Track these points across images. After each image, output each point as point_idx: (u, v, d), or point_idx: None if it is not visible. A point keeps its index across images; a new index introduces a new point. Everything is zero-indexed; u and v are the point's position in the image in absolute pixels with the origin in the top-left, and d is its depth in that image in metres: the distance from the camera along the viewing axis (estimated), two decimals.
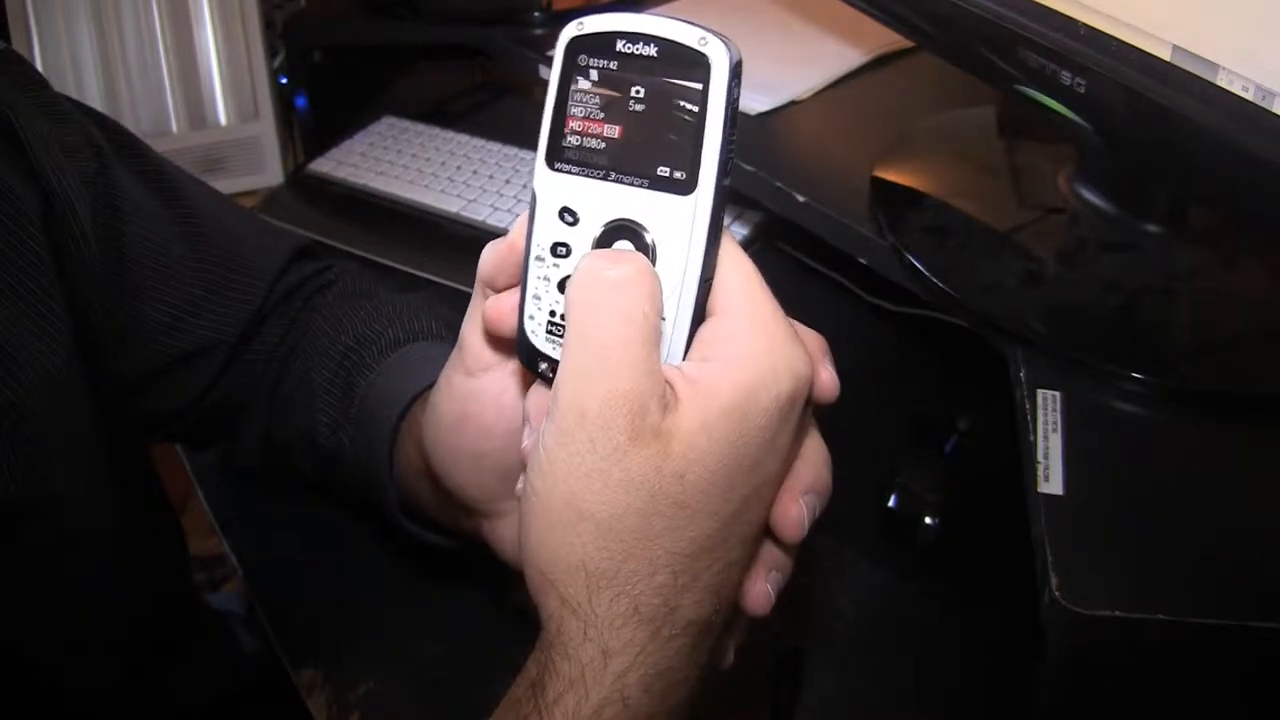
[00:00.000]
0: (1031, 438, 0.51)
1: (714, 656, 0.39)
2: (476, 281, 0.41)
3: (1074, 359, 0.55)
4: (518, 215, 0.98)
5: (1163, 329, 0.59)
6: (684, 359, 0.36)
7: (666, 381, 0.34)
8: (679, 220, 0.35)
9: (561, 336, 0.37)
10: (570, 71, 0.36)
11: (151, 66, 1.00)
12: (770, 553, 0.39)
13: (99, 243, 0.54)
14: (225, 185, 1.01)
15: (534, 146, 0.37)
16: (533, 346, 0.38)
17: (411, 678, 0.62)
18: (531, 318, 0.38)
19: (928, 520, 0.66)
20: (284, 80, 1.07)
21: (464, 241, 0.91)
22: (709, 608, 0.36)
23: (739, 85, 0.35)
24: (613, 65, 0.35)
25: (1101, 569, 0.46)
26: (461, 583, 0.64)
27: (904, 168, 0.69)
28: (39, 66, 0.95)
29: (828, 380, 0.37)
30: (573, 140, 0.36)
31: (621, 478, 0.34)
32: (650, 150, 0.35)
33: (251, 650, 0.75)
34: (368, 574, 0.66)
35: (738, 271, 0.36)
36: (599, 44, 0.35)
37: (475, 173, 0.97)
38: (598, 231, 0.36)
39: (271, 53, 1.05)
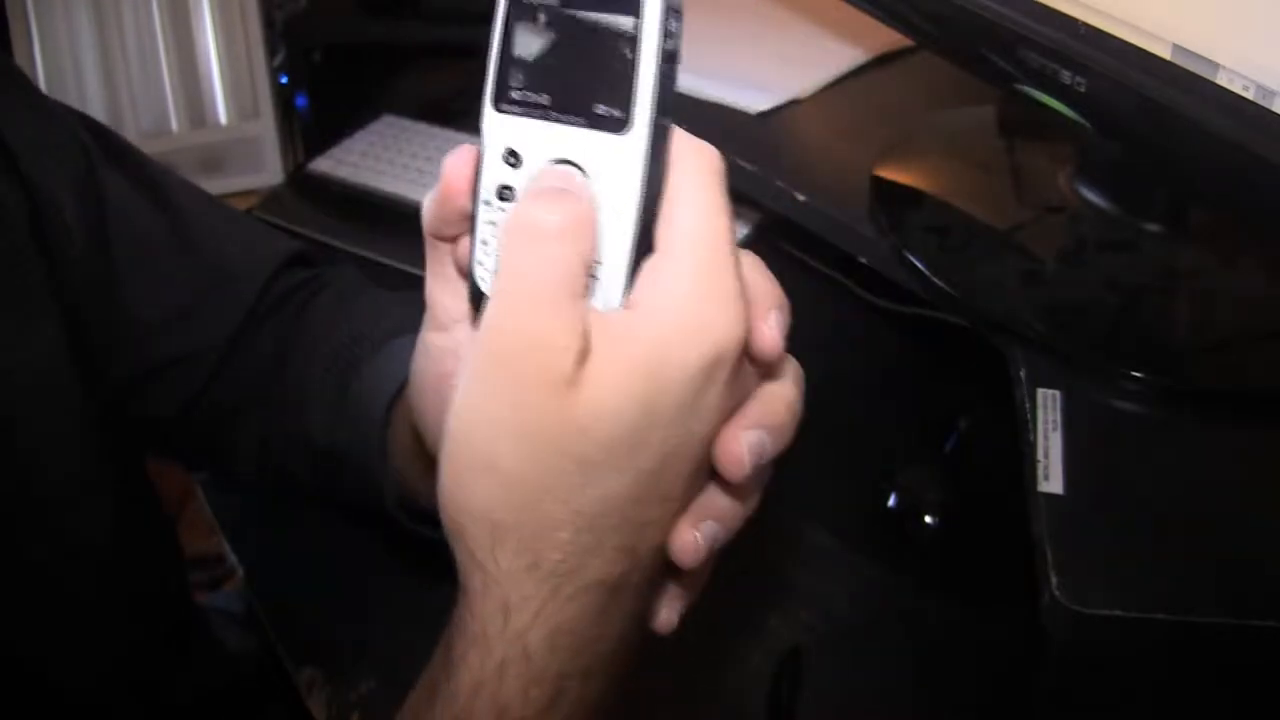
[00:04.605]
0: (1031, 437, 0.51)
1: (639, 617, 0.37)
2: (425, 235, 0.40)
3: (1074, 358, 0.55)
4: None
5: (1163, 328, 0.59)
6: (620, 302, 0.35)
7: (585, 330, 0.33)
8: (615, 159, 0.34)
9: None
10: (513, 9, 0.35)
11: (151, 66, 1.00)
12: (709, 501, 0.37)
13: (86, 243, 0.54)
14: (225, 184, 1.01)
15: None
16: (481, 293, 0.37)
17: (411, 678, 0.61)
18: (480, 264, 0.37)
19: (927, 519, 0.66)
20: (284, 79, 1.07)
21: None
22: (620, 567, 0.34)
23: (678, 21, 0.34)
24: (553, 1, 0.35)
25: (1101, 568, 0.46)
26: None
27: (904, 167, 0.69)
28: (39, 66, 0.95)
29: (766, 335, 0.35)
30: (516, 80, 0.35)
31: (526, 428, 0.32)
32: (588, 88, 0.34)
33: (246, 649, 0.75)
34: (368, 574, 0.66)
35: (692, 209, 0.34)
36: None
37: None
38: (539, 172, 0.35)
39: (272, 52, 1.05)
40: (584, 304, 0.34)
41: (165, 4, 0.99)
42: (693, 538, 0.36)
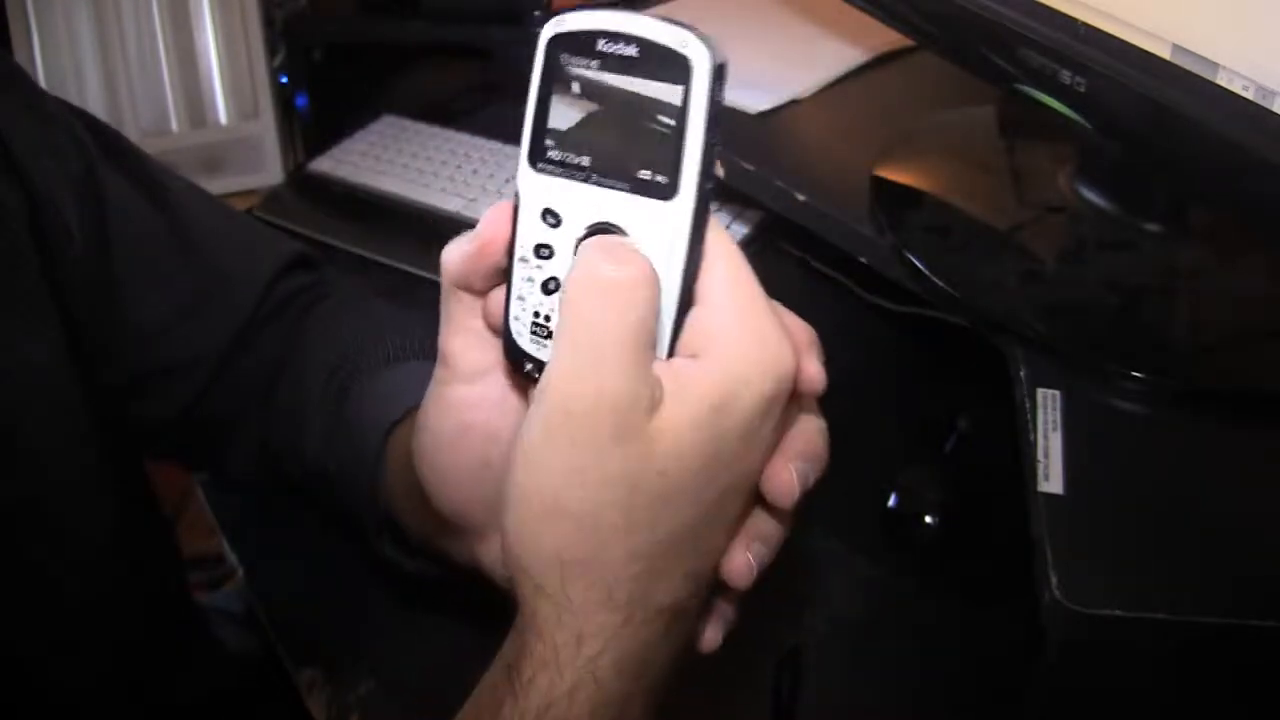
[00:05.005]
0: (1031, 437, 0.51)
1: (691, 639, 0.39)
2: (446, 287, 0.40)
3: (1074, 358, 0.55)
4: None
5: (1163, 328, 0.59)
6: (668, 356, 0.36)
7: (655, 379, 0.35)
8: (660, 225, 0.35)
9: (546, 337, 0.37)
10: (551, 70, 0.35)
11: (151, 66, 1.00)
12: (756, 524, 0.39)
13: (86, 246, 0.54)
14: (225, 184, 1.01)
15: None
16: (519, 348, 0.38)
17: (411, 678, 0.61)
18: (517, 319, 0.38)
19: (928, 520, 0.66)
20: (284, 79, 1.07)
21: None
22: (685, 593, 0.36)
23: (722, 88, 0.34)
24: (594, 65, 0.34)
25: (1101, 568, 0.46)
26: (462, 582, 0.64)
27: (904, 167, 0.69)
28: (39, 67, 0.95)
29: (813, 373, 0.37)
30: (554, 141, 0.35)
31: (603, 476, 0.34)
32: (631, 153, 0.35)
33: (246, 649, 0.75)
34: (368, 574, 0.66)
35: (725, 262, 0.36)
36: (580, 43, 0.34)
37: (475, 172, 0.97)
38: (580, 233, 0.36)
39: (272, 51, 1.05)
40: (652, 354, 0.35)
41: (165, 4, 0.99)
42: (745, 559, 0.38)
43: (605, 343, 0.34)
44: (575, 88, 0.35)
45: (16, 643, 0.50)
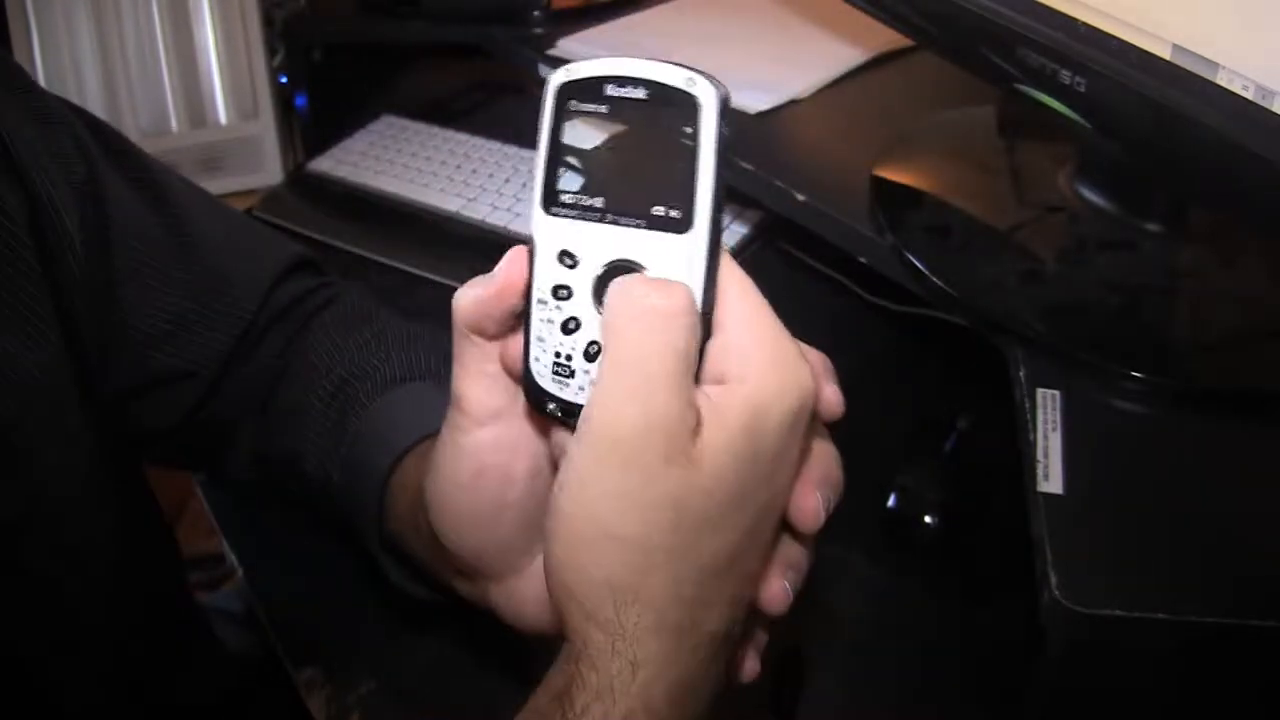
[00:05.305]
0: (1031, 437, 0.51)
1: (729, 667, 0.40)
2: (459, 331, 0.40)
3: (1074, 358, 0.55)
4: (516, 214, 0.98)
5: (1163, 328, 0.59)
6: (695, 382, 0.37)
7: (696, 404, 0.35)
8: (678, 258, 0.36)
9: (568, 376, 0.38)
10: (561, 117, 0.36)
11: (151, 66, 1.00)
12: (787, 550, 0.39)
13: (86, 250, 0.54)
14: (225, 184, 1.02)
15: (534, 144, 0.37)
16: (540, 388, 0.38)
17: (411, 678, 0.61)
18: (537, 360, 0.38)
19: (928, 520, 0.66)
20: (284, 79, 1.07)
21: (463, 240, 0.91)
22: (728, 619, 0.37)
23: (728, 123, 0.35)
24: (603, 109, 0.36)
25: (1101, 568, 0.46)
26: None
27: (904, 167, 0.69)
28: (39, 66, 0.95)
29: (832, 397, 0.38)
30: (567, 184, 0.36)
31: (652, 499, 0.34)
32: (645, 191, 0.36)
33: (246, 649, 0.75)
34: (368, 574, 0.66)
35: (740, 291, 0.36)
36: (587, 89, 0.36)
37: (475, 172, 0.97)
38: (598, 272, 0.37)
39: (271, 51, 1.05)
40: (693, 380, 0.35)
41: (165, 4, 0.99)
42: (782, 586, 0.39)
43: (652, 369, 0.34)
44: (586, 132, 0.36)
45: (16, 643, 0.50)
